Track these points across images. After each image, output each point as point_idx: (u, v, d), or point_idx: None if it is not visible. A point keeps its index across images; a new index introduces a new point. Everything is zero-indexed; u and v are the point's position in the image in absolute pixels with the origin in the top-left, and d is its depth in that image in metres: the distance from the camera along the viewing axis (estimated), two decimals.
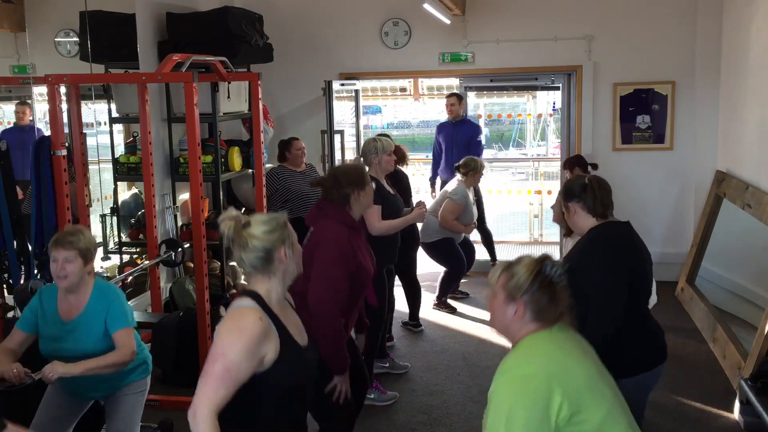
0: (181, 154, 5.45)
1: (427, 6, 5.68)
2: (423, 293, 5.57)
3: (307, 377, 2.22)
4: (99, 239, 5.23)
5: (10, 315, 3.99)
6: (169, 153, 5.57)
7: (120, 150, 5.47)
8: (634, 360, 2.70)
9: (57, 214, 3.83)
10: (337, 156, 6.53)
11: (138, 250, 5.56)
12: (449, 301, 6.07)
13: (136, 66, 5.26)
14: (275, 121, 6.70)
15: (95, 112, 5.00)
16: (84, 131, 4.63)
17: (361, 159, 4.54)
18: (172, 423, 3.82)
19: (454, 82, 7.64)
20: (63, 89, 4.10)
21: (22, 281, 3.90)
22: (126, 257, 5.54)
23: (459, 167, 5.88)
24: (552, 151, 12.23)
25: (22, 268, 3.94)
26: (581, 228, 2.82)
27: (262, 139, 5.13)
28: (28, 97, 4.98)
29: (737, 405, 4.02)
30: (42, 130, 4.50)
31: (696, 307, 5.64)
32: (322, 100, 6.65)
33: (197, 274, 4.18)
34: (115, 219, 5.39)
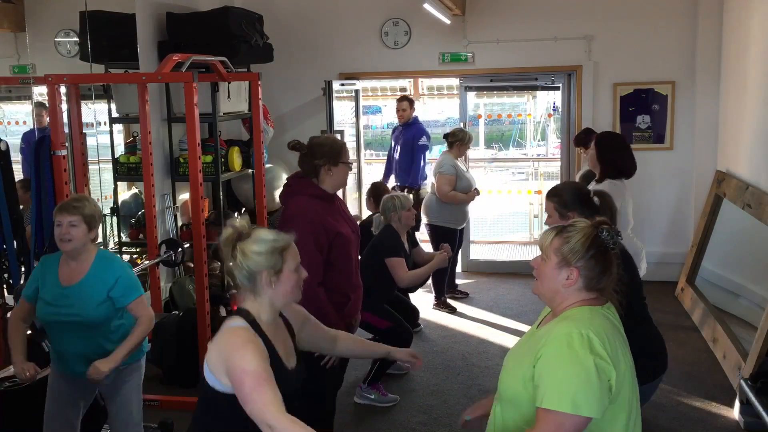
0: (181, 154, 5.45)
1: (427, 6, 5.68)
2: (422, 293, 5.57)
3: (289, 400, 2.14)
4: (99, 239, 5.22)
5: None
6: (169, 153, 5.57)
7: (120, 150, 5.47)
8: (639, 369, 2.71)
9: None
10: None
11: (138, 250, 5.56)
12: (449, 301, 6.07)
13: (136, 66, 5.25)
14: (275, 121, 6.70)
15: (95, 112, 5.00)
16: (84, 131, 4.63)
17: (381, 218, 4.55)
18: (173, 423, 3.82)
19: (454, 82, 7.64)
20: (63, 89, 4.10)
21: (22, 281, 3.90)
22: (126, 257, 5.54)
23: (446, 136, 5.97)
24: (552, 151, 12.22)
25: (22, 268, 3.94)
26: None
27: (262, 139, 5.13)
28: (28, 96, 4.98)
29: (737, 405, 4.02)
30: None
31: (696, 307, 5.64)
32: (322, 100, 6.66)
33: (197, 274, 4.17)
34: (115, 219, 5.39)
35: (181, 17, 5.64)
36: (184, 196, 5.69)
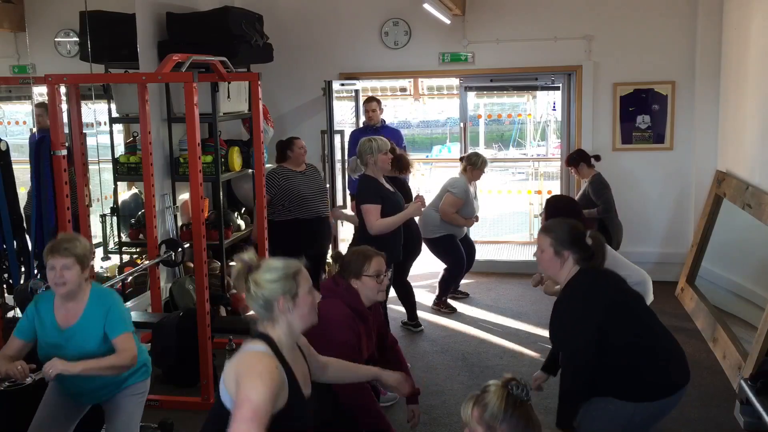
0: (181, 154, 5.45)
1: (427, 6, 5.68)
2: (423, 293, 5.57)
3: (305, 427, 2.20)
4: (99, 239, 5.23)
5: (10, 315, 4.00)
6: (169, 153, 5.57)
7: (120, 150, 5.47)
8: (647, 385, 2.72)
9: (57, 214, 3.83)
10: (337, 156, 6.53)
11: (138, 250, 5.56)
12: (449, 301, 6.06)
13: (136, 66, 5.25)
14: (275, 121, 6.70)
15: (95, 112, 5.00)
16: (84, 131, 4.62)
17: (358, 160, 4.54)
18: (172, 423, 3.82)
19: (454, 82, 7.63)
20: (63, 89, 4.09)
21: (22, 281, 3.90)
22: (126, 257, 5.53)
23: (462, 159, 5.94)
24: (552, 151, 12.23)
25: (22, 268, 3.94)
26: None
27: (262, 139, 5.12)
28: (28, 96, 4.98)
29: (737, 405, 4.02)
30: None
31: (696, 307, 5.64)
32: (322, 100, 6.66)
33: (197, 274, 4.17)
34: (115, 219, 5.39)
35: (181, 17, 5.64)
36: (184, 196, 5.70)
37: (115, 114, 5.33)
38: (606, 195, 5.77)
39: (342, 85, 6.90)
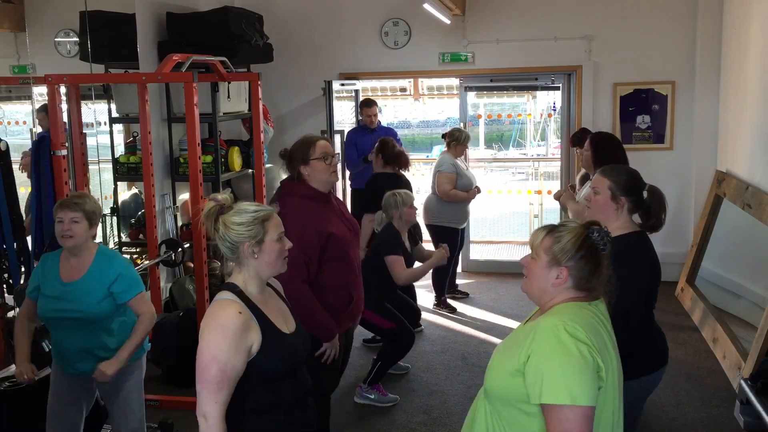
0: (181, 154, 5.45)
1: (427, 6, 5.68)
2: (423, 293, 5.57)
3: (294, 362, 2.20)
4: (99, 239, 5.22)
5: (11, 315, 4.00)
6: (169, 153, 5.57)
7: (120, 150, 5.47)
8: (639, 362, 2.70)
9: None
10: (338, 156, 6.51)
11: (138, 250, 5.56)
12: (449, 301, 6.07)
13: (136, 66, 5.26)
14: (275, 121, 6.70)
15: (95, 112, 5.00)
16: (84, 131, 4.63)
17: (383, 215, 4.55)
18: (172, 423, 3.82)
19: (454, 82, 7.64)
20: (63, 89, 4.10)
21: (22, 281, 3.90)
22: (126, 257, 5.52)
23: (444, 135, 5.99)
24: (552, 151, 12.23)
25: (22, 268, 3.94)
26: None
27: (262, 139, 5.13)
28: (28, 96, 4.98)
29: (737, 405, 4.02)
30: None
31: (696, 307, 5.64)
32: (322, 100, 6.66)
33: (197, 274, 4.18)
34: (115, 219, 5.39)
35: (181, 17, 5.64)
36: (184, 196, 5.69)
37: (115, 114, 5.33)
38: None
39: (342, 85, 6.90)
